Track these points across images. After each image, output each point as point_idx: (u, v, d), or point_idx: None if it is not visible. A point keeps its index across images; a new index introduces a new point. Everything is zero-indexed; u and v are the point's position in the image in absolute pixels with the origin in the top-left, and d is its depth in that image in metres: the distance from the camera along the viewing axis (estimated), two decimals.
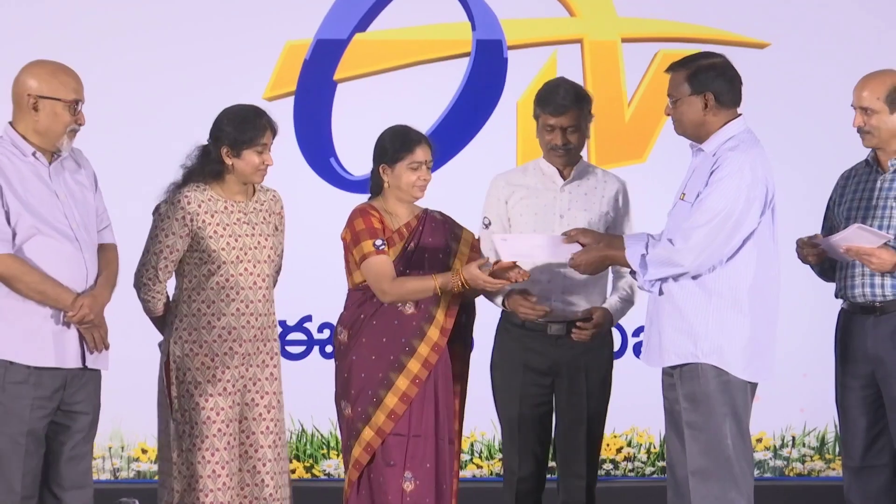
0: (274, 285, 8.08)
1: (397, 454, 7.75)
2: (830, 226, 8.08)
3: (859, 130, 7.89)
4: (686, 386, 7.46)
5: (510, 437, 8.23)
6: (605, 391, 8.14)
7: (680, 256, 7.38)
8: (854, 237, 7.64)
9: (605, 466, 7.90)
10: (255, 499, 7.94)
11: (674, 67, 7.64)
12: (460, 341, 8.00)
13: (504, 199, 8.23)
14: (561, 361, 8.11)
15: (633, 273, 7.66)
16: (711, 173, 7.44)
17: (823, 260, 7.88)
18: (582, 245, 7.63)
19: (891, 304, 7.76)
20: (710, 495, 7.44)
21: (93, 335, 7.45)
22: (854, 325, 7.92)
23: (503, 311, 8.19)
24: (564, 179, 8.21)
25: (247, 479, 7.93)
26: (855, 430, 7.96)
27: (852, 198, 7.99)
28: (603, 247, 7.61)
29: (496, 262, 7.67)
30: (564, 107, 8.11)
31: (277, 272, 8.12)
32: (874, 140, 7.84)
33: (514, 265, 7.64)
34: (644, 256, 7.45)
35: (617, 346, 9.21)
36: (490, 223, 8.21)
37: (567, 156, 8.19)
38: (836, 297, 8.00)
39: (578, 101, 8.15)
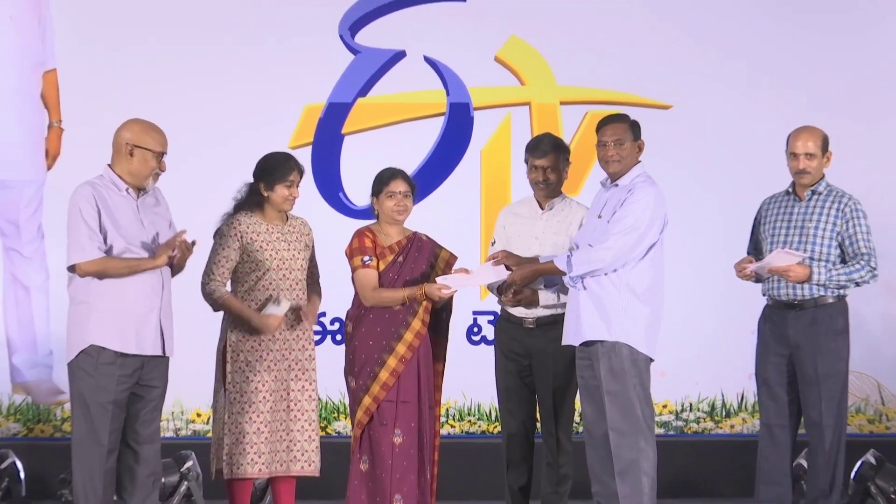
0: (319, 287, 8.13)
1: (389, 416, 7.79)
2: (756, 238, 8.12)
3: (799, 173, 7.92)
4: (605, 362, 7.54)
5: (503, 403, 8.28)
6: (568, 372, 7.99)
7: (599, 256, 7.50)
8: (776, 259, 7.74)
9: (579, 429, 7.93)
10: (294, 449, 7.93)
11: (618, 119, 7.80)
12: (440, 331, 8.04)
13: (503, 226, 8.28)
14: (534, 348, 8.11)
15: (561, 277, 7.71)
16: (625, 200, 7.55)
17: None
18: (507, 266, 7.76)
19: (807, 301, 7.85)
20: (625, 445, 7.53)
21: (181, 250, 7.45)
22: (778, 316, 7.95)
23: (501, 308, 8.27)
24: (542, 210, 8.22)
25: (291, 433, 7.92)
26: (773, 396, 8.00)
27: (775, 220, 8.02)
28: (529, 264, 7.75)
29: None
30: (545, 152, 8.16)
31: (316, 276, 8.11)
32: (810, 178, 7.94)
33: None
34: (570, 259, 7.54)
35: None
36: (495, 242, 8.24)
37: (546, 189, 8.17)
38: (763, 295, 8.04)
39: (556, 148, 8.19)
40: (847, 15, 10.44)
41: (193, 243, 7.48)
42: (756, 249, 8.09)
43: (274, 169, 7.95)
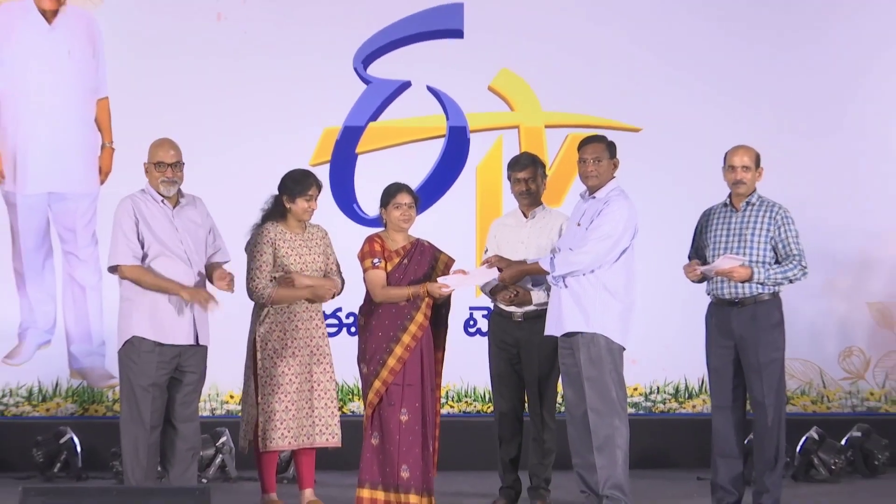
0: (342, 277, 8.12)
1: (396, 397, 7.79)
2: (698, 244, 8.05)
3: (736, 184, 7.90)
4: (584, 351, 7.55)
5: (495, 386, 8.30)
6: (551, 359, 7.99)
7: (579, 259, 7.52)
8: (722, 262, 7.73)
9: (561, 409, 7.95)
10: (318, 424, 7.95)
11: (597, 139, 7.82)
12: (440, 324, 8.03)
13: (494, 235, 8.29)
14: (521, 338, 8.14)
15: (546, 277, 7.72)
16: (601, 210, 7.56)
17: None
18: (499, 268, 7.76)
19: (747, 299, 7.82)
20: (602, 423, 7.55)
21: (206, 301, 7.53)
22: (722, 313, 7.91)
23: (493, 303, 8.27)
24: (526, 218, 8.25)
25: (315, 411, 7.94)
26: (721, 382, 7.95)
27: (715, 228, 7.97)
28: (517, 265, 7.76)
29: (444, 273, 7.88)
30: (524, 165, 8.21)
31: (338, 269, 8.11)
32: (745, 188, 7.91)
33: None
34: (553, 260, 7.56)
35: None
36: (487, 250, 8.22)
37: (529, 198, 8.21)
38: (707, 294, 8.00)
39: (533, 163, 8.24)
40: (794, 51, 10.43)
41: (231, 279, 7.61)
42: (697, 255, 8.05)
43: (295, 184, 7.98)
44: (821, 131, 10.40)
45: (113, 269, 7.65)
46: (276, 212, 8.02)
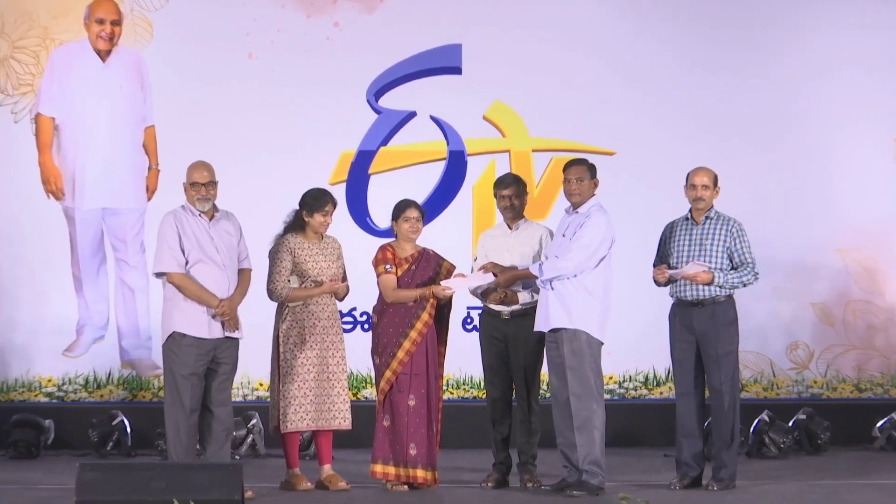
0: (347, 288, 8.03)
1: (405, 385, 7.82)
2: (663, 252, 8.00)
3: (696, 200, 7.88)
4: (568, 345, 7.57)
5: (487, 376, 8.23)
6: (536, 352, 8.00)
7: (563, 265, 7.57)
8: (688, 268, 7.73)
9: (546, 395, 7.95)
10: (332, 409, 7.90)
11: (580, 162, 7.85)
12: (443, 322, 8.07)
13: (482, 245, 8.23)
14: (509, 333, 8.06)
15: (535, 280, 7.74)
16: (583, 223, 7.59)
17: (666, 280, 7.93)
18: (494, 273, 7.80)
19: (706, 300, 7.81)
20: (582, 407, 7.58)
21: (228, 323, 7.52)
22: (684, 311, 7.88)
23: (484, 304, 8.21)
24: (511, 230, 8.20)
25: (330, 397, 7.89)
26: (684, 372, 7.93)
27: (678, 239, 7.95)
28: (510, 271, 7.79)
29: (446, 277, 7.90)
30: (508, 184, 8.16)
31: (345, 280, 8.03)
32: (704, 204, 7.89)
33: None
34: (541, 265, 7.59)
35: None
36: (476, 258, 8.20)
37: (513, 212, 8.13)
38: (671, 296, 7.96)
39: (516, 181, 8.19)
40: (745, 83, 10.40)
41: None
42: (662, 262, 8.01)
43: (314, 200, 7.96)
44: (769, 153, 10.37)
45: (159, 275, 7.66)
46: (296, 224, 7.99)
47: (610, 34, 10.34)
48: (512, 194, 8.16)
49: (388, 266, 7.94)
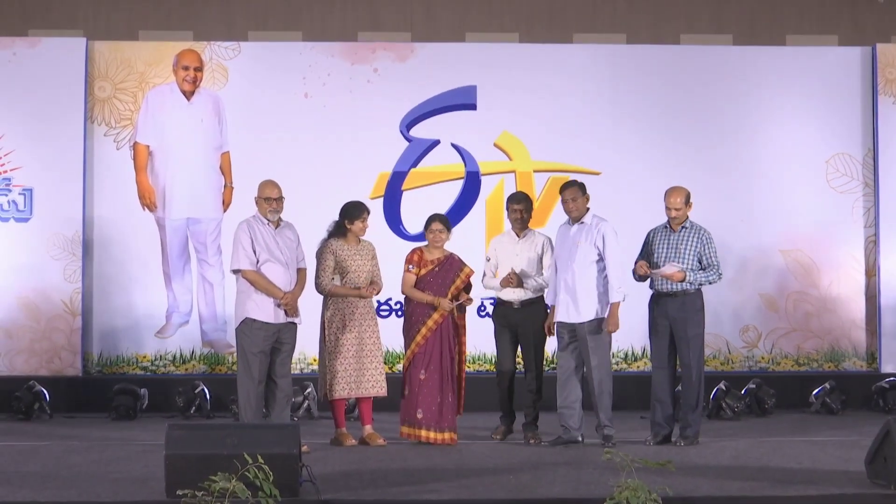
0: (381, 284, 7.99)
1: (419, 362, 7.89)
2: (647, 251, 7.96)
3: (672, 217, 7.87)
4: (593, 327, 7.69)
5: (499, 352, 8.26)
6: (540, 334, 8.10)
7: (619, 282, 7.71)
8: (667, 268, 7.72)
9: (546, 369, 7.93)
10: (371, 379, 7.88)
11: (573, 184, 7.86)
12: (462, 311, 8.07)
13: (494, 248, 8.30)
14: (518, 320, 8.15)
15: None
16: (599, 233, 7.67)
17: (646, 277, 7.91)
18: (606, 323, 7.77)
19: (679, 293, 7.82)
20: (601, 378, 7.71)
21: (290, 311, 7.50)
22: (661, 301, 7.88)
23: (496, 295, 8.25)
24: (518, 237, 8.23)
25: (368, 370, 7.86)
26: (659, 350, 7.91)
27: (658, 243, 7.94)
28: (614, 314, 7.78)
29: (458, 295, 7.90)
30: (520, 200, 8.26)
31: (378, 279, 7.98)
32: (679, 220, 7.88)
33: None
34: (616, 291, 7.78)
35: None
36: (489, 259, 8.25)
37: (520, 223, 8.22)
38: (650, 288, 7.97)
39: (526, 199, 8.30)
40: (710, 122, 10.31)
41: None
42: (644, 259, 7.98)
43: (353, 210, 7.96)
44: (726, 175, 10.30)
45: (235, 271, 7.64)
46: (337, 231, 7.98)
47: (598, 81, 10.32)
48: (522, 208, 8.22)
49: (410, 266, 7.98)
